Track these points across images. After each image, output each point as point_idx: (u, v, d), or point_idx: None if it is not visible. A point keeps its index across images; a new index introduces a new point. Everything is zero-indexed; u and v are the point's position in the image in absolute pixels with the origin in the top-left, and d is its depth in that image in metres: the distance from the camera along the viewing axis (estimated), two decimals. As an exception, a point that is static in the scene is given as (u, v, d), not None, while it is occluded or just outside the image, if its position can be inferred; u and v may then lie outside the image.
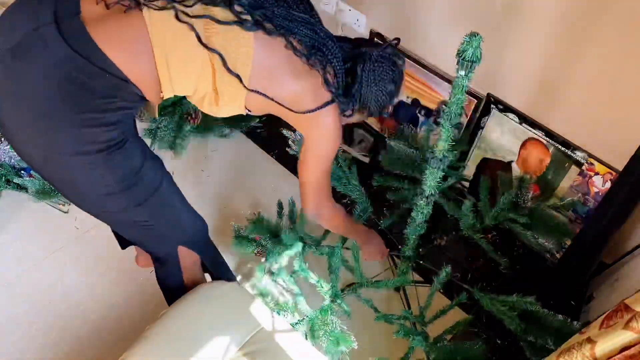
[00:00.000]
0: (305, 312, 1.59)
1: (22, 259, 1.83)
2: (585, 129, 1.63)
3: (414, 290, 1.79)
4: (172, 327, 1.31)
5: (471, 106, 1.84)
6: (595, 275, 1.76)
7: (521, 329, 1.47)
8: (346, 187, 1.78)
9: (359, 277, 1.59)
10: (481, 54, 1.10)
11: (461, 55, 1.09)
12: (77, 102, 1.04)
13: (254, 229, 1.66)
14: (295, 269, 1.63)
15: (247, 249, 1.68)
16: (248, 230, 1.67)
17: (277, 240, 1.65)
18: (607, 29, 1.42)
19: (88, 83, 1.03)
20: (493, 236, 1.94)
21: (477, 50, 1.09)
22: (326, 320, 1.49)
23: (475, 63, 1.11)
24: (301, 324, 1.54)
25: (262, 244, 1.67)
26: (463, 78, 1.14)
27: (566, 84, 1.59)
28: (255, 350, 1.30)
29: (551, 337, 1.43)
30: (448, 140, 1.31)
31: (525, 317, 1.49)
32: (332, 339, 1.46)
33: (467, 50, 1.08)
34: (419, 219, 1.57)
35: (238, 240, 1.69)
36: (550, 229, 1.71)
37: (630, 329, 0.83)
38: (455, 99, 1.20)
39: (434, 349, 1.46)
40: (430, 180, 1.43)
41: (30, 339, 1.65)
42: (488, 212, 1.72)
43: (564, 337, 1.41)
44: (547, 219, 1.72)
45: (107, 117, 1.08)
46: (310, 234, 1.69)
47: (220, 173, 2.12)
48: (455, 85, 1.18)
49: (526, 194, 1.75)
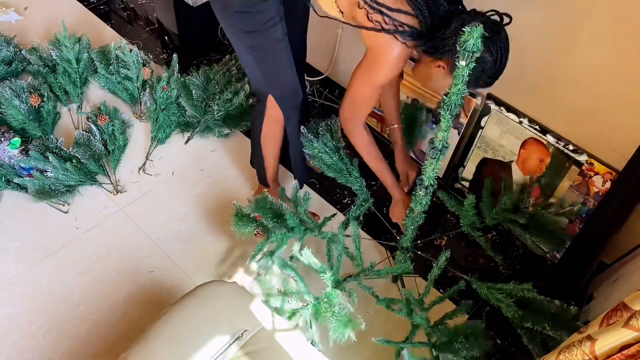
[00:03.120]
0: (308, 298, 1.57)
1: (22, 259, 1.83)
2: (585, 129, 1.63)
3: (412, 283, 1.80)
4: (172, 327, 1.31)
5: (471, 106, 1.84)
6: (595, 275, 1.76)
7: (519, 316, 1.48)
8: (348, 179, 1.82)
9: (360, 266, 1.59)
10: (482, 44, 1.11)
11: (462, 45, 1.10)
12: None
13: (257, 207, 1.65)
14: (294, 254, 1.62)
15: (247, 228, 1.65)
16: (250, 209, 1.65)
17: (278, 221, 1.65)
18: (607, 29, 1.42)
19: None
20: (493, 236, 1.95)
21: (477, 41, 1.10)
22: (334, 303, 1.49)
23: (475, 53, 1.11)
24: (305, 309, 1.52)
25: (264, 224, 1.65)
26: (463, 68, 1.15)
27: (566, 84, 1.59)
28: (255, 350, 1.30)
29: (548, 322, 1.45)
30: (448, 130, 1.31)
31: (522, 305, 1.51)
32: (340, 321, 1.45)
33: (468, 40, 1.09)
34: (418, 209, 1.57)
35: (239, 218, 1.66)
36: (548, 234, 1.72)
37: (630, 327, 0.83)
38: (455, 89, 1.21)
39: (435, 330, 1.47)
40: (429, 170, 1.43)
41: (30, 339, 1.65)
42: (489, 211, 1.73)
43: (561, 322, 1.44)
44: (546, 224, 1.72)
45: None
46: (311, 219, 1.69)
47: (220, 173, 2.12)
48: (456, 76, 1.19)
49: (528, 198, 1.76)
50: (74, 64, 2.27)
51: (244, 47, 1.50)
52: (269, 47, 1.48)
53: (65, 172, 1.94)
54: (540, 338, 1.48)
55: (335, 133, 1.87)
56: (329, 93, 2.38)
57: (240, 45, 1.51)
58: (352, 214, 1.75)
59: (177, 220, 1.96)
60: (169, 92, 2.20)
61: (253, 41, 1.46)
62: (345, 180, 1.83)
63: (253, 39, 1.46)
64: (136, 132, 2.23)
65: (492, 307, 1.77)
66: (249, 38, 1.46)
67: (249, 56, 1.52)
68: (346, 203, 2.04)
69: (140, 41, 2.61)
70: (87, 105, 2.28)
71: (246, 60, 1.55)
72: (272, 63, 1.53)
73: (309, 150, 1.84)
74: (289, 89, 1.62)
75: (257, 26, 1.42)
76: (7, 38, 2.37)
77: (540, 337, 1.48)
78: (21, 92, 2.11)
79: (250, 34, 1.45)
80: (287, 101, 1.64)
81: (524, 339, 1.49)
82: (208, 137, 2.23)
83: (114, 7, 2.80)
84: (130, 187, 2.05)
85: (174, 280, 1.81)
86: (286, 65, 1.55)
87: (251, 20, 1.41)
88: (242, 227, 1.65)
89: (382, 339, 1.45)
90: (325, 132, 1.87)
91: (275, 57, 1.51)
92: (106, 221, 1.94)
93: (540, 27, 1.56)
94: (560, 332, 1.44)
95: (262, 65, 1.53)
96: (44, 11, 2.71)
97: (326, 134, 1.87)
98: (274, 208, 1.65)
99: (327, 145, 1.84)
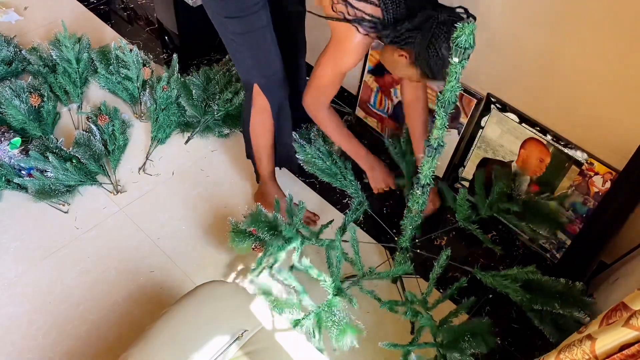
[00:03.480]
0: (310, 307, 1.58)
1: (22, 259, 1.83)
2: (585, 128, 1.63)
3: (413, 283, 1.80)
4: (172, 327, 1.31)
5: (471, 106, 1.84)
6: (595, 275, 1.76)
7: (527, 299, 1.50)
8: (342, 183, 1.82)
9: (360, 269, 1.60)
10: (474, 40, 1.10)
11: (455, 42, 1.10)
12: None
13: (252, 222, 1.66)
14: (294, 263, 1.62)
15: (244, 243, 1.66)
16: (246, 224, 1.66)
17: (275, 234, 1.65)
18: (607, 28, 1.42)
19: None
20: (493, 236, 1.95)
21: (470, 37, 1.09)
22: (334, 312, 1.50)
23: (468, 50, 1.11)
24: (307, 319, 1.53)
25: (260, 237, 1.66)
26: (457, 65, 1.15)
27: (566, 83, 1.59)
28: (256, 349, 1.30)
29: (557, 301, 1.47)
30: (443, 128, 1.31)
31: (528, 289, 1.53)
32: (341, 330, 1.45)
33: (460, 36, 1.09)
34: (415, 208, 1.58)
35: (235, 234, 1.67)
36: (543, 219, 1.73)
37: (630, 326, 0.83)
38: (449, 87, 1.21)
39: (441, 330, 1.47)
40: (425, 169, 1.43)
41: (30, 339, 1.65)
42: (483, 203, 1.75)
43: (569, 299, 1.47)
44: (540, 209, 1.74)
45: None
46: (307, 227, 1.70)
47: (219, 173, 2.12)
48: (450, 73, 1.18)
49: (520, 185, 1.77)
50: (74, 64, 2.27)
51: (228, 33, 1.53)
52: (253, 34, 1.50)
53: (65, 172, 1.94)
54: (550, 318, 1.49)
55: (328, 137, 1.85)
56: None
57: (225, 32, 1.53)
58: (348, 219, 1.74)
59: (177, 220, 1.96)
60: (169, 92, 2.20)
61: (236, 27, 1.49)
62: (340, 184, 1.83)
63: (236, 25, 1.48)
64: (136, 132, 2.23)
65: (491, 307, 1.77)
66: (233, 24, 1.48)
67: (233, 43, 1.55)
68: (346, 203, 2.04)
69: (140, 41, 2.62)
70: (87, 105, 2.28)
71: (232, 47, 1.58)
72: (256, 50, 1.55)
73: (302, 156, 1.84)
74: (275, 78, 1.63)
75: (241, 12, 1.44)
76: (7, 38, 2.37)
77: (550, 317, 1.49)
78: (21, 92, 2.11)
79: (234, 20, 1.47)
80: (272, 90, 1.65)
81: (535, 321, 1.50)
82: (208, 137, 2.23)
83: (114, 7, 2.80)
84: (130, 187, 2.05)
85: (174, 280, 1.81)
86: (271, 53, 1.57)
87: (235, 5, 1.44)
88: (240, 242, 1.66)
89: (389, 343, 1.45)
90: (317, 137, 1.87)
91: (259, 44, 1.53)
92: (106, 221, 1.94)
93: (540, 27, 1.56)
94: (570, 309, 1.46)
95: (247, 52, 1.56)
96: (44, 11, 2.71)
97: (318, 138, 1.87)
98: (269, 221, 1.66)
99: (319, 150, 1.84)
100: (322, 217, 1.97)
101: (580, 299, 1.48)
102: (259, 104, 1.69)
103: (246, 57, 1.58)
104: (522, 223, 1.74)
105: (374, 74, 2.13)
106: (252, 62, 1.59)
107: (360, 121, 2.27)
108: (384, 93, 2.14)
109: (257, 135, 1.79)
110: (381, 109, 2.19)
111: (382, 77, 2.11)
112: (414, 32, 1.29)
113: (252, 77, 1.63)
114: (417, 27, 1.28)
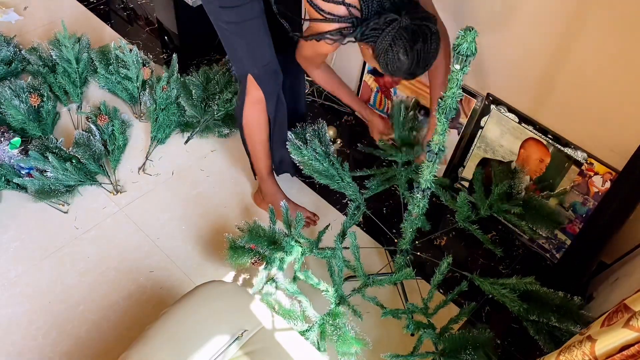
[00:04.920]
0: (313, 317, 1.58)
1: (22, 259, 1.83)
2: (585, 128, 1.63)
3: (413, 285, 1.80)
4: (172, 327, 1.31)
5: (471, 106, 1.84)
6: (595, 275, 1.76)
7: (524, 310, 1.49)
8: (340, 185, 1.79)
9: (362, 276, 1.59)
10: (476, 48, 1.10)
11: (456, 49, 1.09)
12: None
13: (250, 237, 1.64)
14: (296, 274, 1.62)
15: (243, 259, 1.64)
16: (244, 240, 1.64)
17: (274, 247, 1.64)
18: (607, 28, 1.42)
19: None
20: (493, 236, 1.95)
21: (472, 45, 1.09)
22: (337, 324, 1.50)
23: (470, 57, 1.11)
24: (312, 331, 1.53)
25: (260, 252, 1.64)
26: (458, 72, 1.15)
27: (566, 83, 1.59)
28: (255, 350, 1.30)
29: (554, 314, 1.47)
30: (444, 134, 1.31)
31: (526, 299, 1.52)
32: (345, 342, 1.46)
33: (462, 44, 1.08)
34: (416, 212, 1.57)
35: (233, 251, 1.64)
36: (543, 217, 1.73)
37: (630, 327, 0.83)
38: (450, 93, 1.21)
39: (442, 339, 1.47)
40: (426, 173, 1.43)
41: (30, 339, 1.65)
42: (483, 202, 1.74)
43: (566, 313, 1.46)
44: (540, 208, 1.74)
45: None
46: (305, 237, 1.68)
47: (219, 173, 2.12)
48: (450, 79, 1.18)
49: (519, 184, 1.77)
50: (73, 64, 2.27)
51: (222, 23, 1.54)
52: (246, 24, 1.53)
53: (65, 172, 1.93)
54: (546, 329, 1.49)
55: (324, 138, 1.83)
56: (329, 93, 2.37)
57: (219, 22, 1.55)
58: (346, 224, 1.73)
59: (177, 220, 1.96)
60: (169, 92, 2.20)
61: (230, 16, 1.51)
62: (337, 186, 1.78)
63: (230, 15, 1.50)
64: (136, 132, 2.23)
65: (491, 307, 1.77)
66: (226, 13, 1.51)
67: (226, 32, 1.57)
68: (345, 203, 2.04)
69: (140, 41, 2.61)
70: (87, 105, 2.28)
71: (225, 38, 1.60)
72: (249, 39, 1.57)
73: (297, 157, 1.79)
74: (268, 69, 1.64)
75: (234, 2, 1.47)
76: (7, 38, 2.36)
77: (546, 328, 1.49)
78: (21, 92, 2.11)
79: (227, 10, 1.49)
80: (266, 81, 1.66)
81: (531, 331, 1.50)
82: (208, 137, 2.23)
83: (114, 7, 2.80)
84: (130, 187, 2.05)
85: (174, 280, 1.81)
86: (264, 43, 1.59)
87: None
88: (238, 258, 1.64)
89: (391, 355, 1.46)
90: (313, 138, 1.80)
91: (253, 34, 1.56)
92: (106, 221, 1.94)
93: (540, 27, 1.56)
94: (566, 323, 1.46)
95: (240, 42, 1.58)
96: (43, 11, 2.71)
97: (314, 139, 1.80)
98: (268, 235, 1.65)
99: (316, 152, 1.78)
100: (322, 217, 1.97)
101: (577, 313, 1.47)
102: (252, 95, 1.69)
103: (240, 46, 1.60)
104: (522, 223, 1.73)
105: (374, 74, 2.13)
106: (246, 52, 1.61)
107: (361, 121, 2.27)
108: (384, 93, 2.14)
109: (252, 129, 1.78)
110: (381, 109, 2.19)
111: (382, 77, 2.11)
112: (377, 31, 1.30)
113: (246, 68, 1.64)
114: (379, 28, 1.29)
